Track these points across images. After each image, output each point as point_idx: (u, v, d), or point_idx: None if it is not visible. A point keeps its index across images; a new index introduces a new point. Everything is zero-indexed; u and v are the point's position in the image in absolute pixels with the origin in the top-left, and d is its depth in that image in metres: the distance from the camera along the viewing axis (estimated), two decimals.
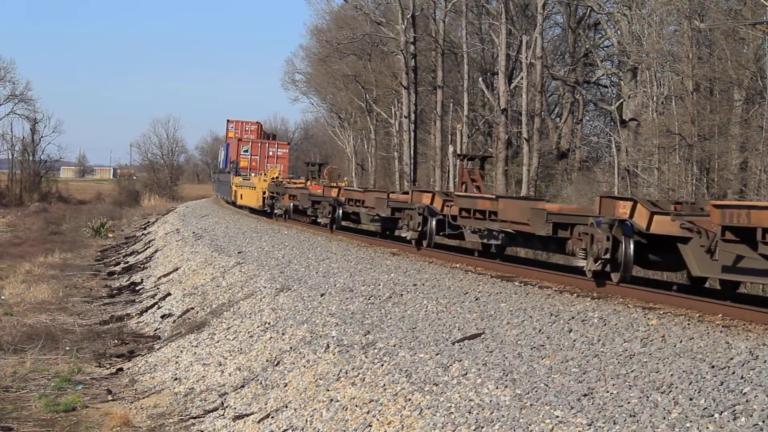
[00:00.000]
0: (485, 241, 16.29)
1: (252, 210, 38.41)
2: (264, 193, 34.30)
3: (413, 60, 48.90)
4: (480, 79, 49.37)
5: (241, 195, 39.64)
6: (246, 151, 47.36)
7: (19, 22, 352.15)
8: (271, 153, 47.40)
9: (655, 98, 33.67)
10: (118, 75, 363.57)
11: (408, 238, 19.26)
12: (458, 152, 35.44)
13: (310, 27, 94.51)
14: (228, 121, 59.21)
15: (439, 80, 48.32)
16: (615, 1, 40.00)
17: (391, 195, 21.20)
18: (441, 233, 18.22)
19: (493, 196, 16.45)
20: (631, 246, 12.03)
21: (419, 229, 18.52)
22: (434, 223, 18.08)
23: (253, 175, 42.55)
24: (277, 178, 35.05)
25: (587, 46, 45.44)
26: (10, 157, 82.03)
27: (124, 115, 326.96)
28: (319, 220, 25.53)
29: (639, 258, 12.32)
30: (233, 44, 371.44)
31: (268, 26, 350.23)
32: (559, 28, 50.73)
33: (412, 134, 48.92)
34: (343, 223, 25.46)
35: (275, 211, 32.08)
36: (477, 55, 51.21)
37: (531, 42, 40.99)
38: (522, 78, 41.54)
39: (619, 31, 38.87)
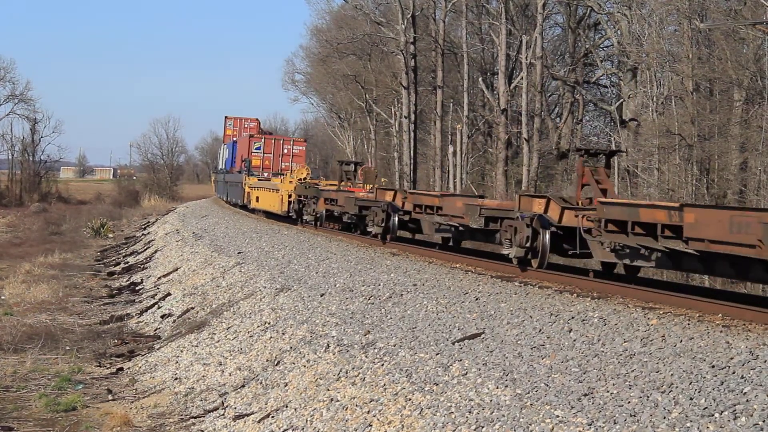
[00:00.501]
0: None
1: (269, 214, 35.03)
2: (289, 196, 30.22)
3: (413, 60, 48.90)
4: (480, 79, 49.39)
5: (257, 198, 36.04)
6: (258, 148, 43.32)
7: (19, 22, 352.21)
8: (286, 150, 43.40)
9: (655, 98, 33.68)
10: (118, 75, 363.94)
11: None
12: (578, 146, 29.42)
13: (310, 27, 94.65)
14: (226, 117, 57.59)
15: (439, 80, 48.32)
16: (615, 1, 40.01)
17: (483, 201, 17.18)
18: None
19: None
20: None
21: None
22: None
23: (272, 175, 39.68)
24: (305, 179, 30.69)
25: (587, 46, 45.44)
26: (10, 157, 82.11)
27: (124, 115, 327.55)
28: (369, 230, 21.56)
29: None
30: (233, 44, 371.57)
31: (268, 26, 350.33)
32: (559, 28, 50.78)
33: (412, 134, 48.92)
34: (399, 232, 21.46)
35: (304, 218, 28.32)
36: (477, 55, 51.22)
37: (531, 42, 41.00)
38: (522, 78, 41.55)
39: (619, 31, 38.87)
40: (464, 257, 17.56)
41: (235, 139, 51.33)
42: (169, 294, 21.57)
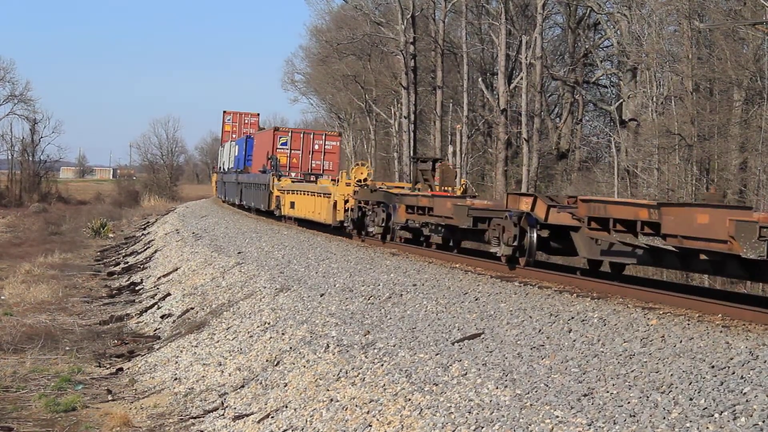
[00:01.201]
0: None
1: (308, 224, 28.90)
2: (345, 202, 24.31)
3: (413, 60, 48.91)
4: (480, 79, 49.38)
5: (292, 203, 30.19)
6: (285, 144, 36.25)
7: (18, 23, 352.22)
8: (317, 146, 36.46)
9: (654, 98, 33.68)
10: (118, 75, 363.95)
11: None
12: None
13: (309, 27, 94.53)
14: (224, 112, 54.51)
15: (439, 80, 48.32)
16: (615, 1, 40.03)
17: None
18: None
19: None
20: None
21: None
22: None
23: (303, 175, 34.57)
24: (364, 181, 24.25)
25: (587, 47, 45.45)
26: (10, 157, 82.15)
27: (124, 115, 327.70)
28: (492, 250, 15.94)
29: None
30: (233, 44, 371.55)
31: (268, 27, 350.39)
32: (559, 29, 50.79)
33: (412, 134, 48.92)
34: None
35: (370, 230, 22.22)
36: (477, 55, 51.22)
37: (531, 42, 41.00)
38: (522, 78, 41.55)
39: (618, 32, 38.89)
40: (464, 257, 17.54)
41: (249, 134, 46.44)
42: (168, 294, 21.56)
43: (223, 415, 11.29)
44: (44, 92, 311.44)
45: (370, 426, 8.62)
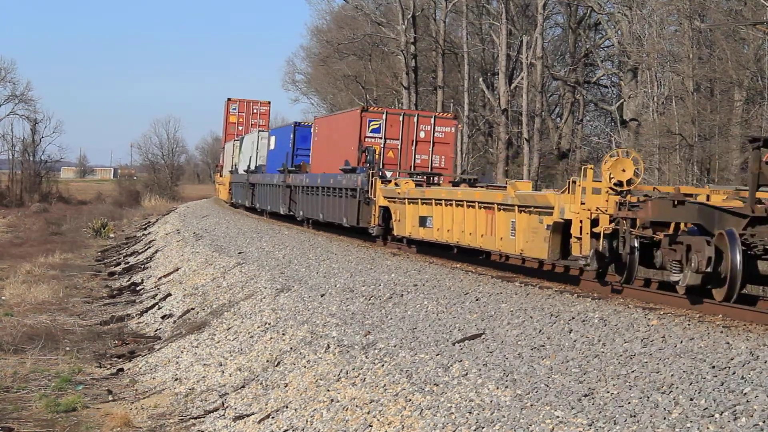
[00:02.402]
0: None
1: (438, 249, 19.85)
2: (593, 224, 12.90)
3: (413, 60, 48.89)
4: (480, 79, 49.36)
5: (425, 219, 19.00)
6: (377, 130, 25.08)
7: (19, 23, 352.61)
8: (422, 134, 25.17)
9: (655, 98, 33.67)
10: (118, 75, 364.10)
11: None
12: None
13: (310, 27, 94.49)
14: (229, 100, 47.42)
15: (440, 80, 48.31)
16: (615, 1, 40.01)
17: None
18: None
19: None
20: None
21: None
22: None
23: (406, 175, 23.00)
24: (628, 183, 13.12)
25: (587, 47, 45.45)
26: (11, 157, 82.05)
27: (124, 115, 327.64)
28: (674, 279, 11.57)
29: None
30: (233, 44, 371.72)
31: (268, 26, 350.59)
32: (560, 29, 50.76)
33: None
34: None
35: (673, 280, 11.71)
36: (477, 55, 51.20)
37: (531, 42, 41.00)
38: (522, 78, 41.55)
39: (619, 32, 38.88)
40: (464, 258, 17.45)
41: (298, 122, 34.96)
42: (169, 294, 21.56)
43: (223, 415, 11.29)
44: (45, 92, 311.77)
45: (371, 426, 8.62)
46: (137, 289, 25.46)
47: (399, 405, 8.73)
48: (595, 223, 12.67)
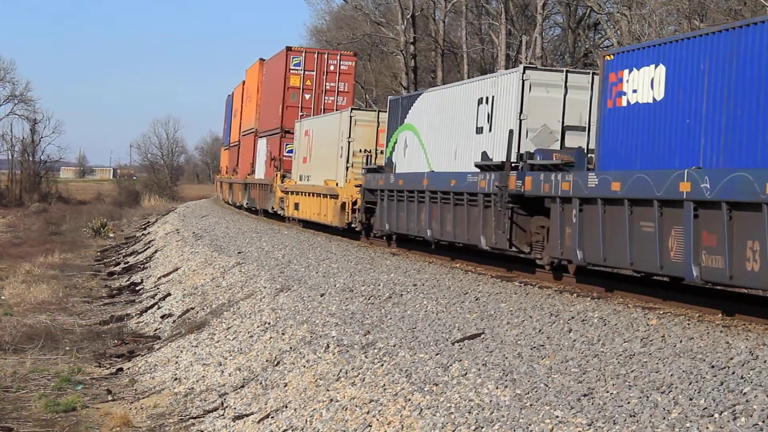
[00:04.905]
0: None
1: None
2: None
3: (413, 60, 48.88)
4: None
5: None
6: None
7: (19, 23, 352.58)
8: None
9: None
10: (118, 75, 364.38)
11: None
12: None
13: (309, 27, 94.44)
14: (288, 50, 31.14)
15: (439, 80, 48.28)
16: (615, 1, 40.01)
17: None
18: None
19: None
20: None
21: None
22: None
23: None
24: None
25: (587, 46, 45.44)
26: (10, 157, 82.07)
27: (124, 115, 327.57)
28: None
29: None
30: (233, 44, 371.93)
31: (268, 26, 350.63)
32: (559, 28, 50.75)
33: None
34: None
35: None
36: (477, 55, 51.19)
37: (531, 42, 41.00)
38: None
39: (619, 31, 38.88)
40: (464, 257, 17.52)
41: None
42: (169, 294, 21.55)
43: (223, 415, 11.29)
44: (44, 92, 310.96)
45: (370, 426, 8.62)
46: (137, 288, 25.45)
47: (398, 405, 8.73)
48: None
